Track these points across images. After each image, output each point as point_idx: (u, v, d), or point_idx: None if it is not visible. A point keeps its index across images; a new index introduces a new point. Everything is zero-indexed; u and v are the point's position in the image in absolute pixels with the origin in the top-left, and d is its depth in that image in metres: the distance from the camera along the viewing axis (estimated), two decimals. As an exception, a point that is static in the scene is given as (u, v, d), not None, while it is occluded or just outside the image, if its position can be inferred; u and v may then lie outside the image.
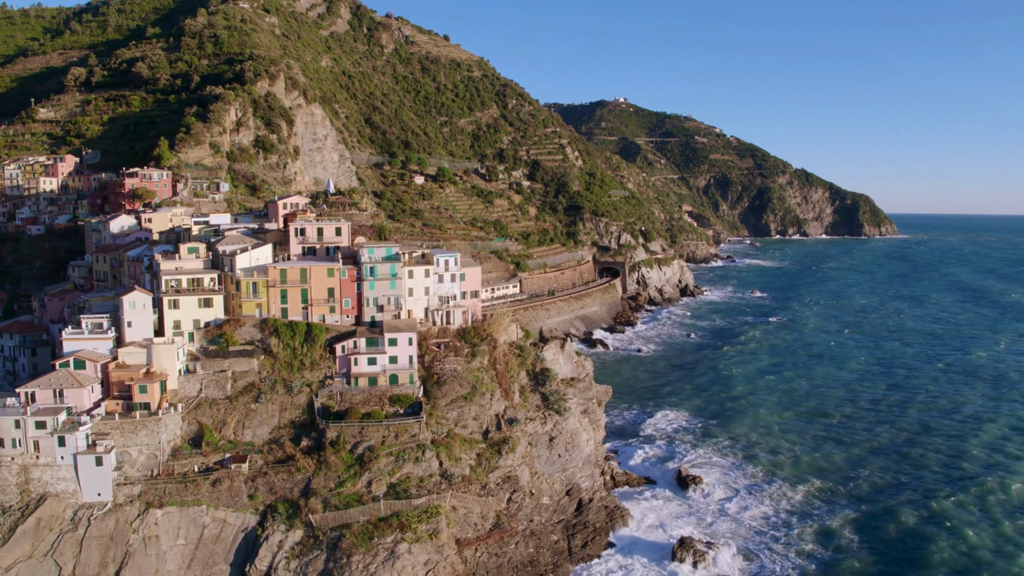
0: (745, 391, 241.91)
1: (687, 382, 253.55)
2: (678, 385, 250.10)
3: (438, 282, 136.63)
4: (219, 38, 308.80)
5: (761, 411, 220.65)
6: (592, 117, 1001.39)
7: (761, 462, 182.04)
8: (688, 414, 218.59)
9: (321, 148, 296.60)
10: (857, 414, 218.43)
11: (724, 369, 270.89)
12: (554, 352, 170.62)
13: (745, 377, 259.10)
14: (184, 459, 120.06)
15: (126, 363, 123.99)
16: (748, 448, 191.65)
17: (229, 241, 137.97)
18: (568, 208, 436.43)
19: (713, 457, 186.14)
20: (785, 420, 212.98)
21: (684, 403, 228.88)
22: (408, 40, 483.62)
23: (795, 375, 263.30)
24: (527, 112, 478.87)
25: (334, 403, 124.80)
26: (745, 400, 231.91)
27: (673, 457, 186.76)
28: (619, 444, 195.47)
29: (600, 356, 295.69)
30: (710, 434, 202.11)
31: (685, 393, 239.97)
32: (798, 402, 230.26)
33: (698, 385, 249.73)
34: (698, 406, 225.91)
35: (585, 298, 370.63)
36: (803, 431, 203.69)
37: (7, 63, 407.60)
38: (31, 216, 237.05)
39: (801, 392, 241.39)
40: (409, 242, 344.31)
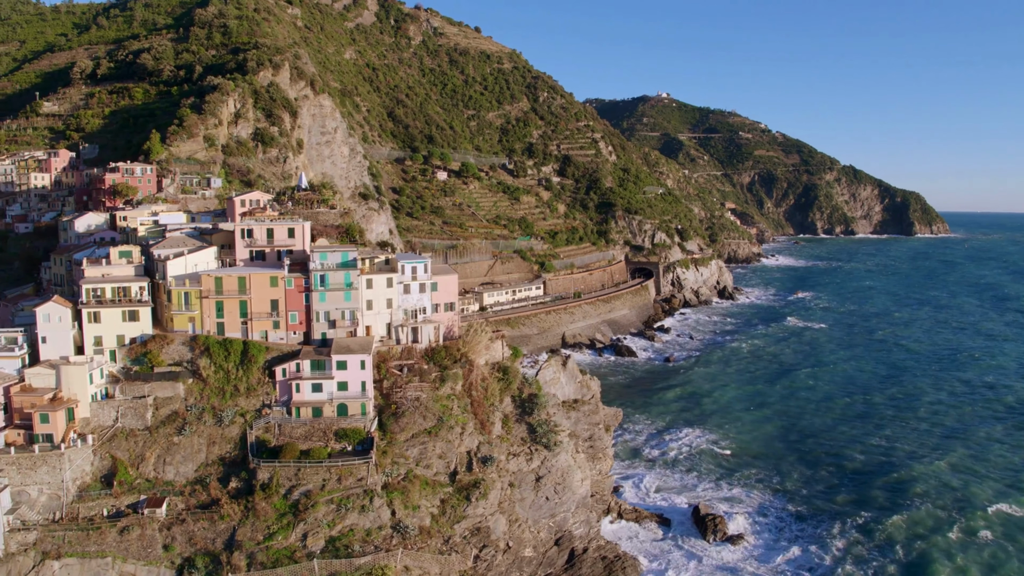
0: (780, 410, 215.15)
1: (716, 397, 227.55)
2: (706, 400, 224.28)
3: (404, 293, 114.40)
4: (228, 28, 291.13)
5: (798, 436, 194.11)
6: (634, 113, 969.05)
7: (793, 496, 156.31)
8: (714, 435, 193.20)
9: (330, 142, 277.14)
10: (920, 448, 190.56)
11: (759, 383, 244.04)
12: (554, 371, 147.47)
13: (782, 394, 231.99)
14: (92, 500, 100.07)
15: (33, 386, 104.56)
16: (779, 480, 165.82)
17: (168, 244, 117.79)
18: (600, 205, 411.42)
19: (738, 490, 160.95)
20: (826, 448, 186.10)
21: (710, 422, 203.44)
22: (436, 32, 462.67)
23: (838, 392, 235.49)
24: (559, 105, 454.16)
25: (271, 437, 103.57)
26: (779, 422, 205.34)
27: (693, 488, 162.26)
28: (631, 470, 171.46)
29: (625, 364, 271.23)
30: (737, 461, 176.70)
31: (713, 410, 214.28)
32: (841, 427, 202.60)
33: (728, 401, 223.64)
34: (725, 426, 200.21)
35: (614, 301, 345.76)
36: (845, 460, 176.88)
37: (35, 58, 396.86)
38: (20, 213, 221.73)
39: (847, 414, 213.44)
40: (426, 241, 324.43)
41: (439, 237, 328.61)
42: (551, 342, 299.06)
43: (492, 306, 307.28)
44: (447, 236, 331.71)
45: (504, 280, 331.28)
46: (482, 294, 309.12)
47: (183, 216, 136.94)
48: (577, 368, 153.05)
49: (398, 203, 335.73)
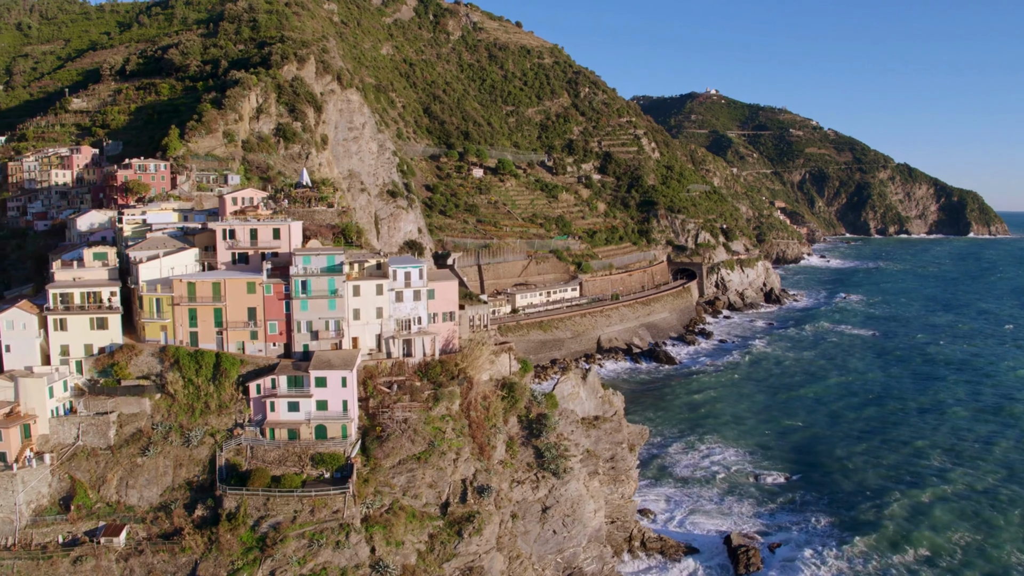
0: (825, 426, 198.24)
1: (756, 410, 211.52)
2: (745, 413, 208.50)
3: (396, 301, 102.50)
4: (257, 22, 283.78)
5: (843, 456, 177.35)
6: (682, 110, 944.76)
7: (836, 525, 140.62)
8: (751, 452, 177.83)
9: (358, 138, 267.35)
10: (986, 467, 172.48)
11: (803, 396, 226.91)
12: (572, 385, 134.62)
13: (827, 408, 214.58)
14: (46, 526, 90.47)
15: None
16: (820, 505, 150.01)
17: (146, 245, 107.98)
18: (641, 204, 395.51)
19: (776, 516, 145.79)
20: (874, 470, 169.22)
21: (748, 437, 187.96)
22: (476, 26, 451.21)
23: (888, 401, 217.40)
24: (600, 101, 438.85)
25: (243, 461, 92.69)
26: (823, 439, 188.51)
27: (726, 513, 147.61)
28: (659, 489, 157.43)
29: (661, 372, 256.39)
30: (775, 482, 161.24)
31: (752, 424, 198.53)
32: (895, 444, 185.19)
33: (768, 415, 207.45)
34: (764, 442, 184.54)
35: (653, 303, 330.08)
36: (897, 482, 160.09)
37: (78, 57, 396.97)
38: (41, 211, 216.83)
39: (900, 431, 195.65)
40: (458, 239, 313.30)
41: (472, 236, 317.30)
42: (585, 346, 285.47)
43: (525, 308, 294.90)
44: (480, 235, 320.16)
45: (538, 281, 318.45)
46: (514, 295, 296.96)
47: (173, 215, 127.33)
48: (599, 382, 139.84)
49: (431, 201, 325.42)
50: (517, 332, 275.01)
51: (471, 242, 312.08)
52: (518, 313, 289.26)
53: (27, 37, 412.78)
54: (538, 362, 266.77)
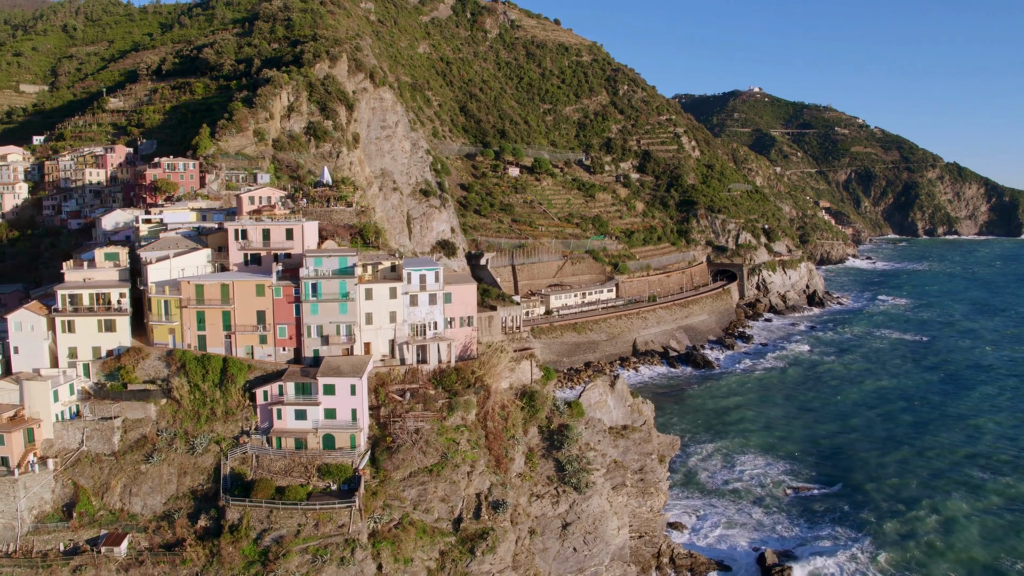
0: (866, 437, 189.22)
1: (795, 417, 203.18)
2: (783, 420, 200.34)
3: (410, 305, 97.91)
4: (292, 21, 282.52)
5: (886, 466, 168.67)
6: (724, 108, 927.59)
7: (878, 543, 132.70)
8: (788, 462, 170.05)
9: (391, 136, 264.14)
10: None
11: (843, 400, 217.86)
12: (600, 392, 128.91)
13: (870, 417, 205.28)
14: (48, 533, 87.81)
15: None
16: (862, 520, 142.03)
17: (158, 245, 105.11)
18: (680, 203, 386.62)
19: (816, 529, 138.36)
20: (917, 478, 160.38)
21: (786, 446, 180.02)
22: (514, 24, 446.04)
23: (929, 408, 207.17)
24: (639, 99, 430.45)
25: (248, 470, 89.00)
26: (864, 449, 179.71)
27: (760, 527, 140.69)
28: (690, 501, 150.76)
29: (698, 376, 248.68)
30: (813, 495, 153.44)
31: (790, 432, 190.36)
32: (936, 453, 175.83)
33: (808, 422, 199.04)
34: (803, 452, 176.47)
35: (692, 305, 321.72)
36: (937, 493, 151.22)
37: (121, 58, 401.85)
38: (75, 209, 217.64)
39: (940, 440, 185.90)
40: (492, 239, 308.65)
41: (507, 236, 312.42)
42: (621, 349, 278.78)
43: (559, 309, 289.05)
44: (515, 235, 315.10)
45: (574, 282, 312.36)
46: (549, 296, 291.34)
47: (191, 215, 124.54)
48: (627, 390, 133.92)
49: (466, 200, 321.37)
50: (551, 334, 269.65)
51: (505, 242, 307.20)
52: (552, 315, 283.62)
53: (72, 39, 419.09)
54: (571, 365, 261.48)
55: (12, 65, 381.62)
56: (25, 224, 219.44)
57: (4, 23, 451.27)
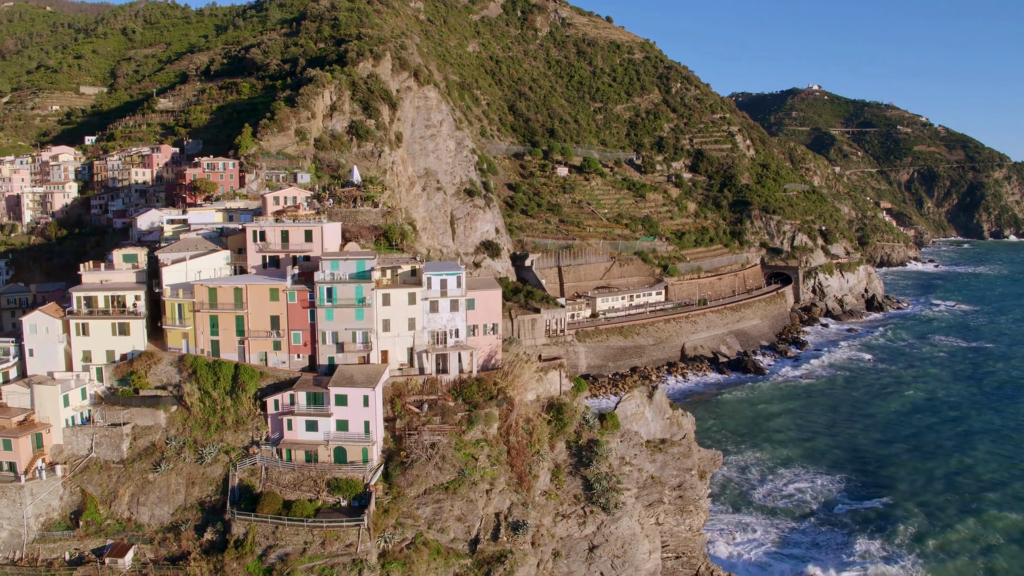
0: (925, 447, 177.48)
1: (847, 428, 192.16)
2: (835, 431, 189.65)
3: (430, 311, 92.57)
4: (338, 20, 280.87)
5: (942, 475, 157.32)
6: (782, 107, 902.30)
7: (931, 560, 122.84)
8: (839, 476, 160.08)
9: (435, 135, 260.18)
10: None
11: (901, 411, 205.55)
12: (637, 404, 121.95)
13: (928, 426, 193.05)
14: (53, 541, 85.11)
15: (8, 405, 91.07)
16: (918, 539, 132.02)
17: (177, 247, 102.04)
18: (734, 204, 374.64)
19: (864, 550, 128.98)
20: (978, 493, 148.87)
21: (840, 460, 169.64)
22: (565, 22, 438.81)
23: (995, 420, 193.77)
24: (693, 97, 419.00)
25: (257, 482, 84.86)
26: (923, 464, 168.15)
27: (805, 544, 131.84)
28: (734, 517, 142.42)
29: (748, 383, 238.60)
30: (869, 514, 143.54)
31: (845, 445, 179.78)
32: (998, 467, 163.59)
33: (860, 433, 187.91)
34: (859, 466, 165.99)
35: (744, 309, 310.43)
36: (999, 508, 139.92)
37: (177, 59, 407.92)
38: (121, 209, 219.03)
39: (1004, 453, 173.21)
40: (539, 240, 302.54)
41: (553, 236, 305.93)
42: (668, 354, 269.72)
43: (605, 312, 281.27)
44: (562, 235, 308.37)
45: (621, 284, 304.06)
46: (595, 299, 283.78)
47: (217, 215, 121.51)
48: (667, 401, 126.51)
49: (512, 200, 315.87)
50: (596, 337, 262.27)
51: (552, 243, 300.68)
52: (598, 318, 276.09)
53: (131, 42, 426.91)
54: (617, 370, 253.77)
55: (73, 68, 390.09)
56: (73, 223, 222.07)
57: (68, 27, 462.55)
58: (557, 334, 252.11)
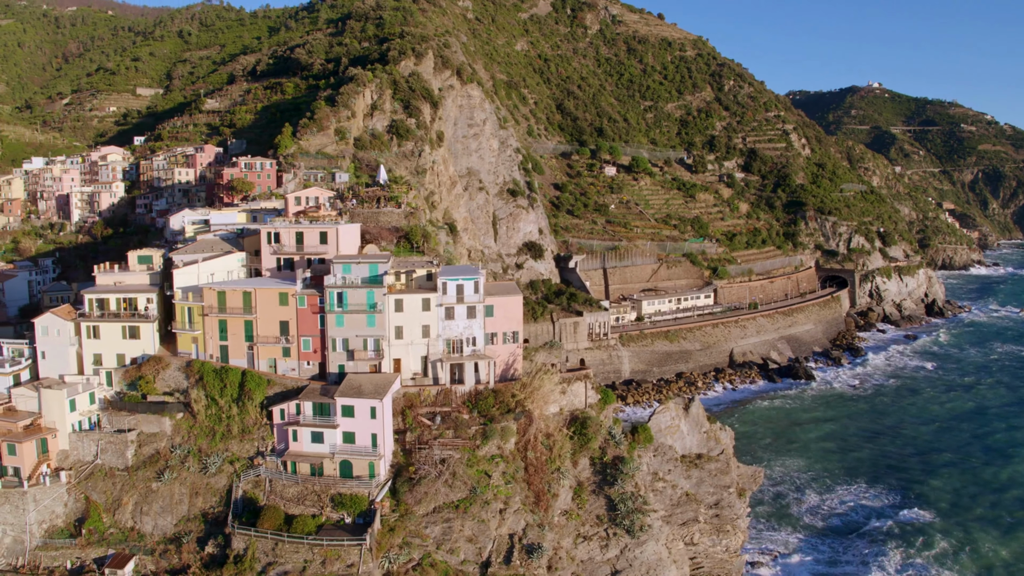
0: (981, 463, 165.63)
1: (902, 440, 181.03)
2: (888, 443, 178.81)
3: (445, 318, 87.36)
4: (383, 19, 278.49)
5: (1005, 488, 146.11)
6: (841, 105, 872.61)
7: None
8: (892, 492, 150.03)
9: (478, 135, 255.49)
10: None
11: (959, 425, 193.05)
12: (672, 416, 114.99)
13: (990, 439, 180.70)
14: (55, 549, 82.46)
15: (16, 408, 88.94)
16: (976, 560, 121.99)
17: (192, 248, 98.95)
18: (788, 204, 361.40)
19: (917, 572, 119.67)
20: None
21: (897, 475, 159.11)
22: (615, 19, 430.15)
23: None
24: (746, 94, 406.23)
25: (261, 495, 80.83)
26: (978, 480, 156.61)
27: (854, 564, 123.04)
28: (779, 536, 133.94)
29: (798, 391, 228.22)
30: (919, 529, 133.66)
31: (902, 458, 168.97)
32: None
33: (916, 446, 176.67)
34: (910, 480, 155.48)
35: (796, 313, 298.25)
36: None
37: (230, 61, 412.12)
38: (164, 208, 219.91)
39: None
40: (584, 241, 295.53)
41: (599, 237, 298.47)
42: (715, 360, 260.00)
43: (651, 315, 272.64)
44: (609, 236, 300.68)
45: (668, 286, 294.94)
46: (641, 302, 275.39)
47: (240, 215, 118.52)
48: (704, 414, 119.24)
49: (558, 200, 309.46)
50: (640, 342, 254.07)
51: (598, 244, 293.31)
52: (643, 321, 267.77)
53: (187, 44, 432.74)
54: (662, 375, 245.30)
55: (130, 70, 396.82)
56: (119, 222, 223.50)
57: (128, 30, 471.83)
58: (600, 338, 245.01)
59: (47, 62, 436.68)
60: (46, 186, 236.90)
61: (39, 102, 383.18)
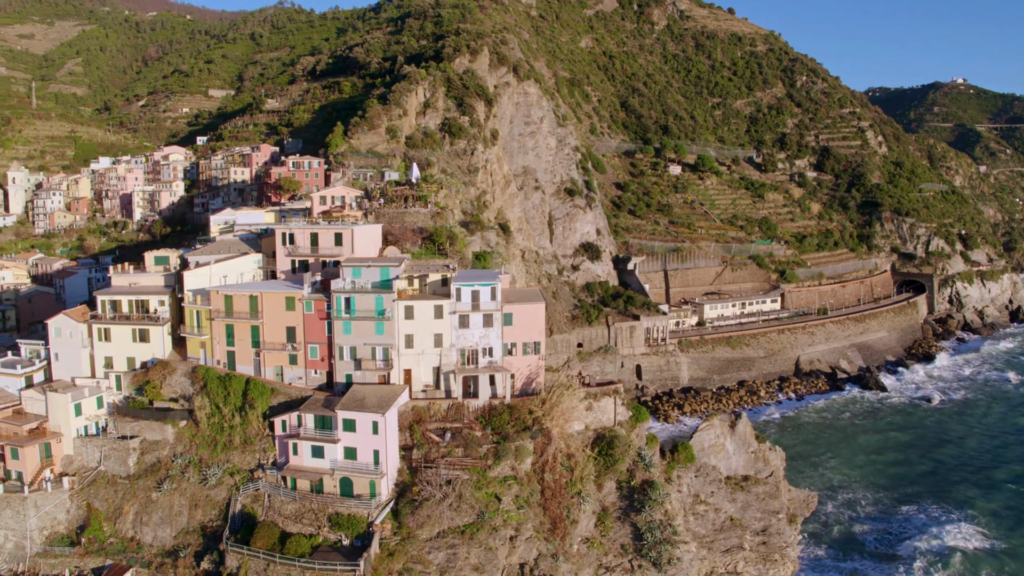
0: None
1: (982, 460, 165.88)
2: (966, 463, 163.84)
3: (460, 327, 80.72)
4: (441, 17, 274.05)
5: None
6: (923, 102, 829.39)
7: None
8: (981, 526, 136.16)
9: (535, 133, 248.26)
10: None
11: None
12: (717, 434, 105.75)
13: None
14: (55, 557, 79.35)
15: (24, 411, 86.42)
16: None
17: (208, 249, 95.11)
18: (862, 205, 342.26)
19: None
20: None
21: (978, 502, 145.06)
22: (683, 15, 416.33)
23: None
24: (819, 91, 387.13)
25: (260, 510, 75.83)
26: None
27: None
28: (838, 564, 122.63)
29: (868, 403, 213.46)
30: (997, 556, 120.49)
31: (982, 483, 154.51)
32: None
33: (997, 466, 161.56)
34: (991, 504, 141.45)
35: (869, 320, 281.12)
36: None
37: (298, 61, 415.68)
38: (219, 207, 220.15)
39: None
40: (645, 242, 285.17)
41: (661, 238, 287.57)
42: (780, 368, 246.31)
43: (714, 320, 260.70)
44: (671, 237, 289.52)
45: (733, 290, 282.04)
46: (703, 306, 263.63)
47: (268, 215, 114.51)
48: (752, 432, 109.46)
49: (620, 200, 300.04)
50: (700, 348, 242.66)
51: (660, 245, 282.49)
52: (704, 326, 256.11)
53: (258, 46, 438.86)
54: (722, 383, 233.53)
55: (203, 72, 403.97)
56: (177, 220, 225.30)
57: (205, 33, 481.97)
58: (658, 343, 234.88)
59: (127, 65, 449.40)
60: (111, 185, 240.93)
61: (117, 104, 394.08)
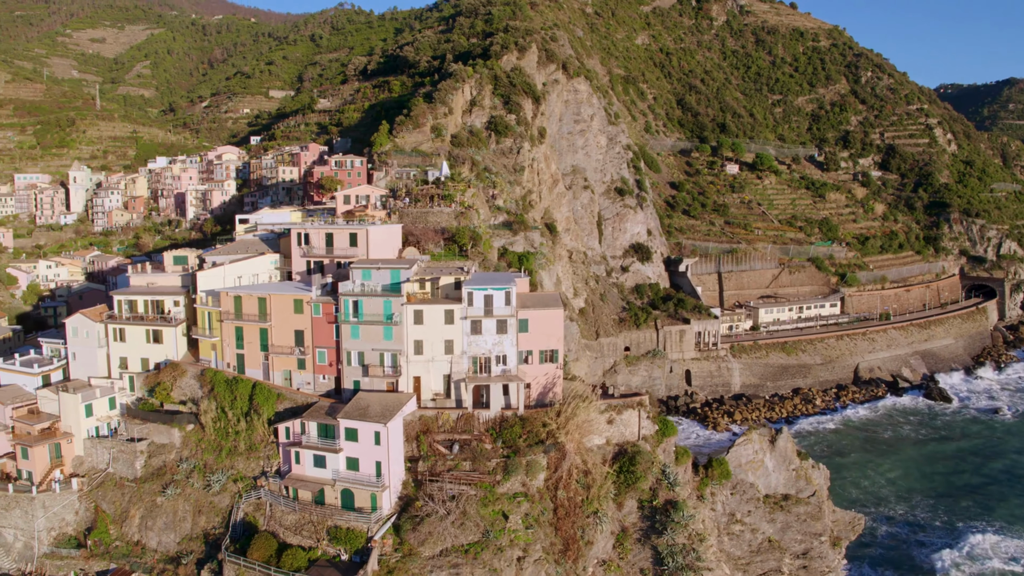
0: None
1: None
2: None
3: (471, 332, 76.14)
4: (492, 15, 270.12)
5: None
6: (997, 98, 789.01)
7: None
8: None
9: (584, 131, 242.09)
10: None
11: None
12: (755, 449, 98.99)
13: None
14: (61, 559, 77.87)
15: (39, 410, 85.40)
16: None
17: (226, 249, 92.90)
18: (929, 206, 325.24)
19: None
20: None
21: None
22: (743, 10, 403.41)
23: None
24: (885, 87, 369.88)
25: (261, 519, 72.75)
26: None
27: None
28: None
29: (930, 415, 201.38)
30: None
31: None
32: None
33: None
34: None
35: (934, 326, 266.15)
36: None
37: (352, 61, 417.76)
38: (268, 205, 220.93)
39: None
40: (699, 243, 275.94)
41: (716, 239, 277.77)
42: (838, 375, 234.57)
43: (769, 324, 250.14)
44: (726, 238, 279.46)
45: (791, 293, 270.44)
46: (758, 309, 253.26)
47: (294, 214, 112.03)
48: (794, 448, 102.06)
49: (674, 200, 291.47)
50: (753, 353, 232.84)
51: (714, 246, 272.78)
52: (758, 331, 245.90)
53: (318, 47, 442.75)
54: (776, 391, 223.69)
55: (264, 73, 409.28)
56: (227, 219, 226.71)
57: (268, 36, 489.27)
58: (709, 347, 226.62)
59: (193, 68, 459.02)
60: (166, 184, 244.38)
61: (182, 105, 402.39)
